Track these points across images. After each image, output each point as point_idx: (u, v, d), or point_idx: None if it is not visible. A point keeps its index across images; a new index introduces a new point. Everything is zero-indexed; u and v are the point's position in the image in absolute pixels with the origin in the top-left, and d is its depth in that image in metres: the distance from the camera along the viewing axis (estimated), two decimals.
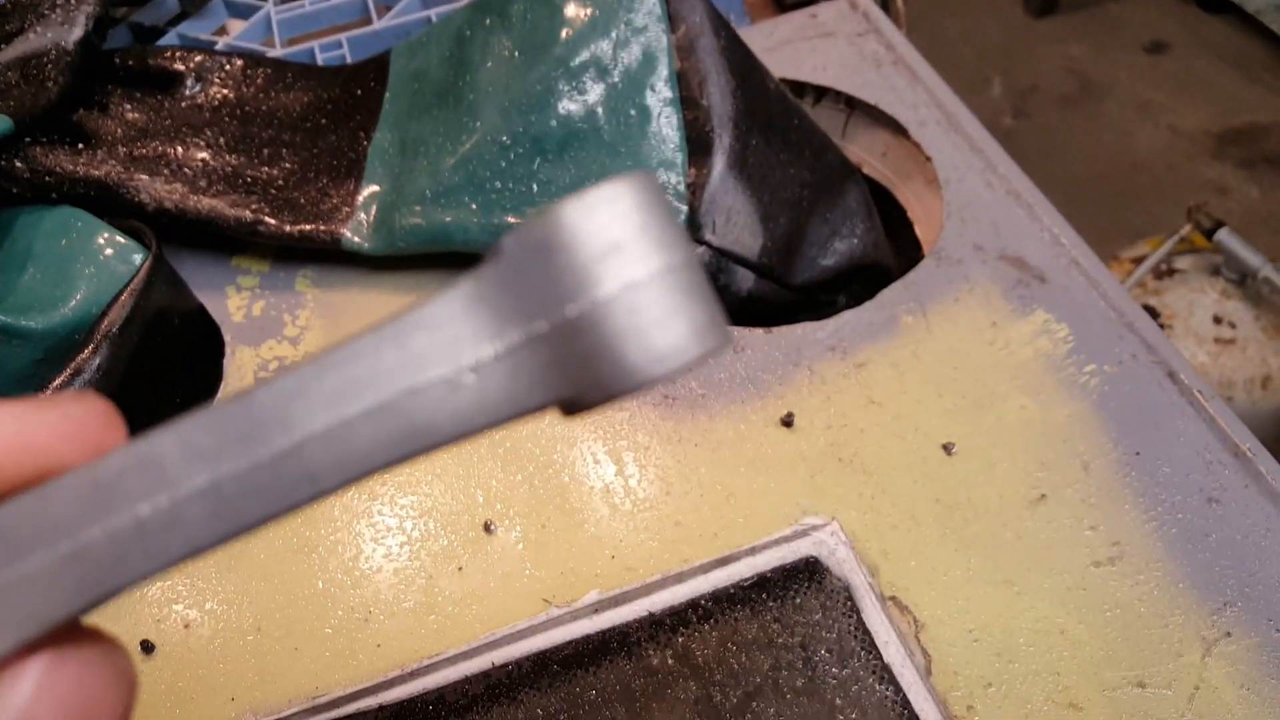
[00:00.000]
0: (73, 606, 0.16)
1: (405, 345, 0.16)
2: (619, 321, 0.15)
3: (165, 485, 0.16)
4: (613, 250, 0.16)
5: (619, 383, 0.16)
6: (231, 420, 0.16)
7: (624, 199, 0.16)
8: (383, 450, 0.16)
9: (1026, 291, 0.52)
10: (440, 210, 0.53)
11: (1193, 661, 0.40)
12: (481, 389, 0.16)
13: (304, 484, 0.16)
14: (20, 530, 0.16)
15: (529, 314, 0.16)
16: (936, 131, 0.58)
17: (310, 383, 0.16)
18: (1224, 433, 0.46)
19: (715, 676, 0.42)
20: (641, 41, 0.51)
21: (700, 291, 0.16)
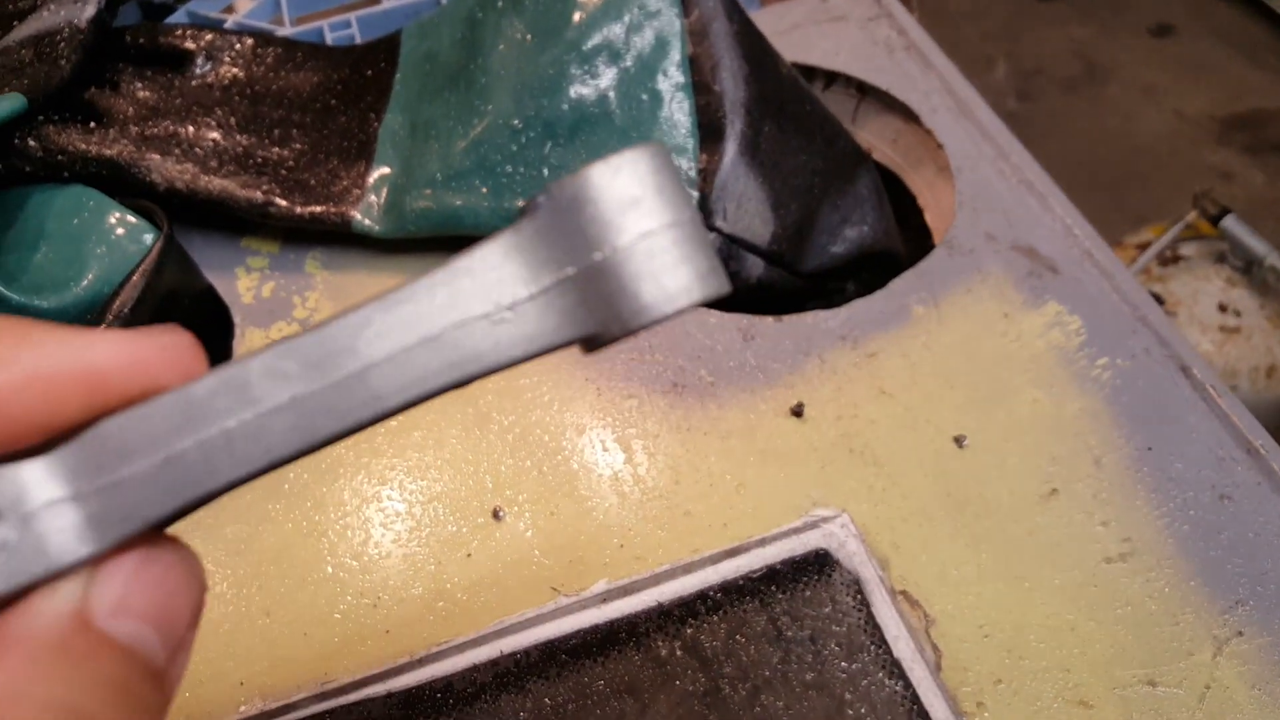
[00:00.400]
0: (166, 508, 0.18)
1: (454, 286, 0.18)
2: (637, 265, 0.18)
3: (250, 403, 0.18)
4: (632, 205, 0.18)
5: (637, 318, 0.18)
6: (308, 348, 0.18)
7: (642, 163, 0.18)
8: (436, 375, 0.18)
9: (1039, 282, 0.50)
10: (451, 194, 0.51)
11: (1204, 660, 0.39)
12: (519, 324, 0.18)
13: (370, 403, 0.18)
14: (125, 440, 0.18)
15: (560, 260, 0.18)
16: (948, 119, 0.56)
17: (375, 316, 0.18)
18: (1237, 429, 0.44)
19: (724, 669, 0.41)
20: (654, 26, 0.49)
21: (703, 243, 0.18)
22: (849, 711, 0.40)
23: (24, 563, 0.17)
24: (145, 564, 0.18)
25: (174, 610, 0.18)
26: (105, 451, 0.18)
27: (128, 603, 0.18)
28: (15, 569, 0.17)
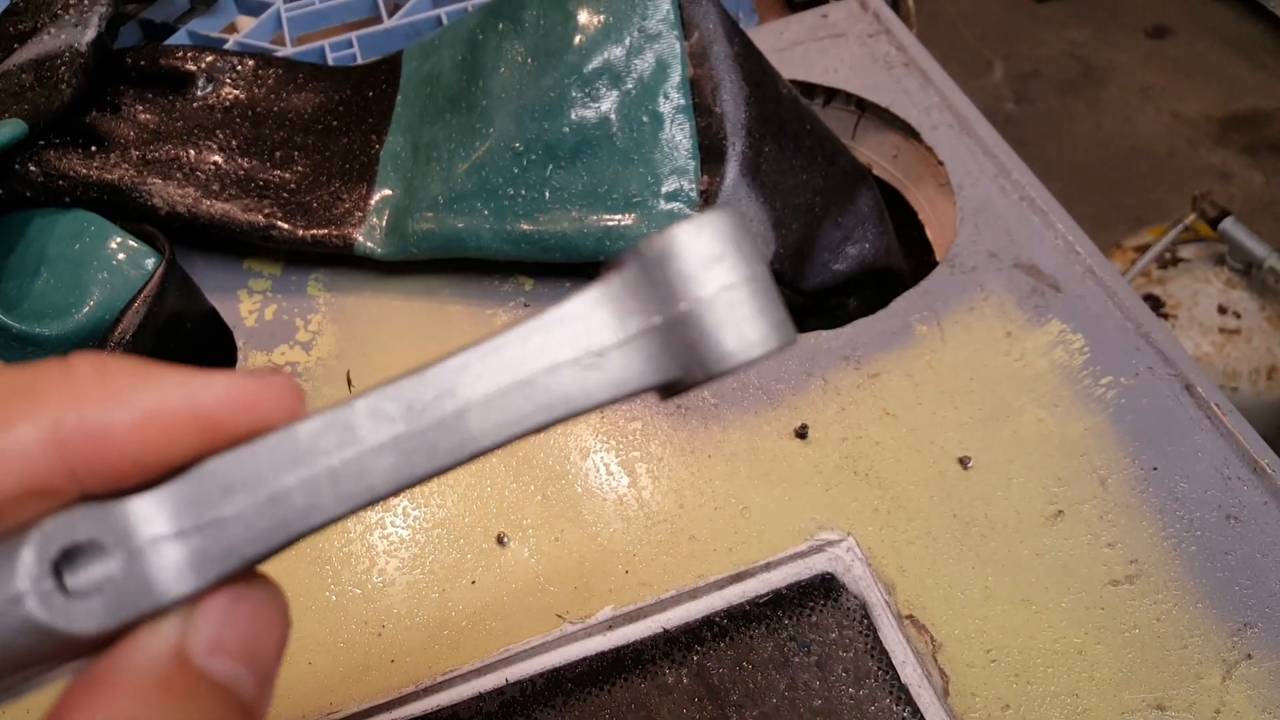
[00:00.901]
0: (266, 546, 0.18)
1: (547, 334, 0.19)
2: (719, 315, 0.19)
3: (354, 442, 0.19)
4: (715, 261, 0.19)
5: (720, 364, 0.19)
6: (409, 390, 0.19)
7: (722, 223, 0.19)
8: (528, 417, 0.19)
9: (1041, 301, 0.49)
10: (453, 216, 0.51)
11: (1213, 684, 0.38)
12: (607, 369, 0.19)
13: (467, 443, 0.19)
14: (230, 478, 0.18)
15: (647, 310, 0.19)
16: (949, 135, 0.56)
17: (473, 361, 0.19)
18: (1243, 448, 0.44)
19: (731, 696, 0.40)
20: (655, 48, 0.48)
21: (776, 296, 0.20)
22: None
23: (129, 598, 0.17)
24: (239, 602, 0.19)
25: (264, 647, 0.19)
26: (210, 489, 0.18)
27: (223, 641, 0.18)
28: (121, 604, 0.17)
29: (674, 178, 0.48)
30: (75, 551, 0.17)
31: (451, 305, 0.53)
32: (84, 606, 0.17)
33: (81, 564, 0.17)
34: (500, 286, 0.53)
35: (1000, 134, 0.56)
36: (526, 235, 0.50)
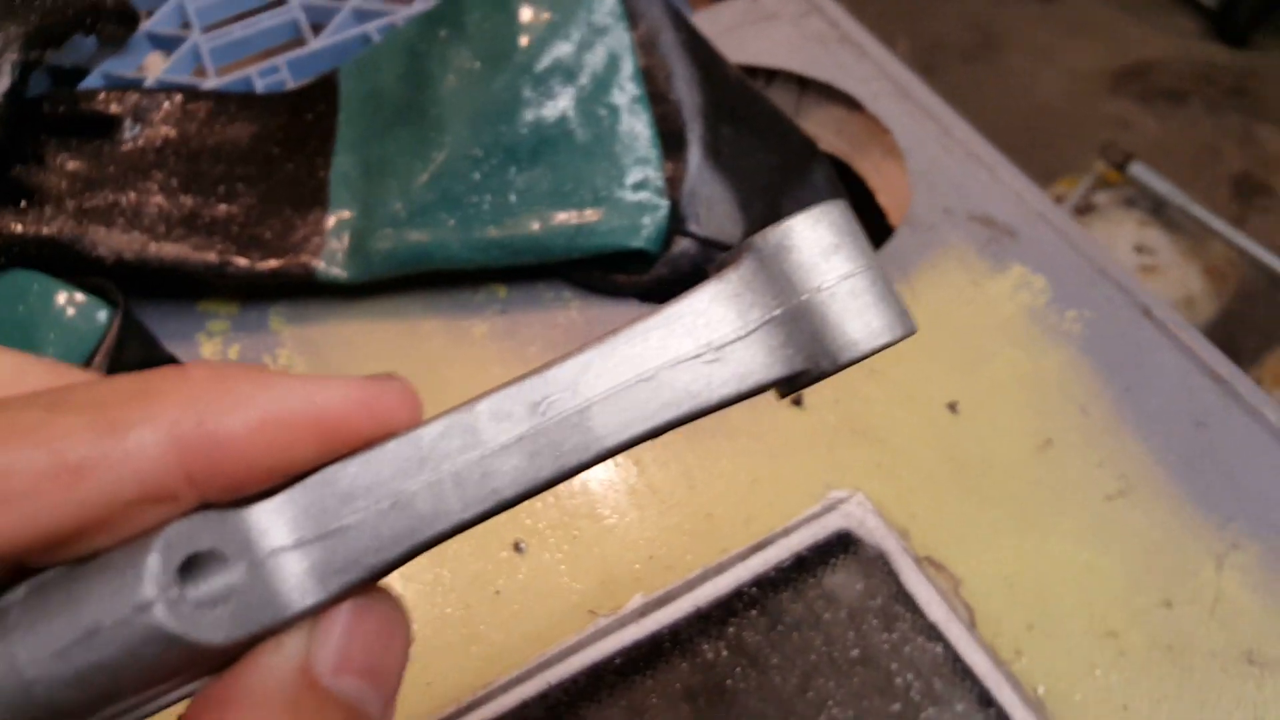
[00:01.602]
0: (390, 555, 0.19)
1: (667, 329, 0.20)
2: (842, 304, 0.20)
3: (478, 444, 0.19)
4: (834, 250, 0.20)
5: (846, 352, 0.20)
6: (531, 390, 0.20)
7: (836, 213, 0.20)
8: (653, 415, 0.20)
9: (1000, 248, 0.55)
10: (417, 230, 0.53)
11: (1209, 576, 0.44)
12: (730, 363, 0.20)
13: (591, 443, 0.20)
14: (352, 484, 0.19)
15: (767, 302, 0.20)
16: (890, 102, 0.61)
17: (594, 359, 0.20)
18: (1202, 361, 0.50)
19: (772, 660, 0.44)
20: (604, 41, 0.52)
21: (892, 288, 0.21)
22: (897, 680, 0.43)
23: (253, 611, 0.18)
24: (363, 616, 0.19)
25: (389, 665, 0.19)
26: (332, 496, 0.19)
27: (349, 658, 0.18)
28: (244, 617, 0.17)
29: (638, 168, 0.52)
30: (198, 560, 0.17)
31: (424, 322, 0.55)
32: (210, 617, 0.17)
33: (204, 574, 0.18)
34: (473, 297, 0.56)
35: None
36: (496, 241, 0.53)
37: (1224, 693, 0.42)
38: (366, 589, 0.19)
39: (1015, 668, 0.43)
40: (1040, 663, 0.43)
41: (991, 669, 0.43)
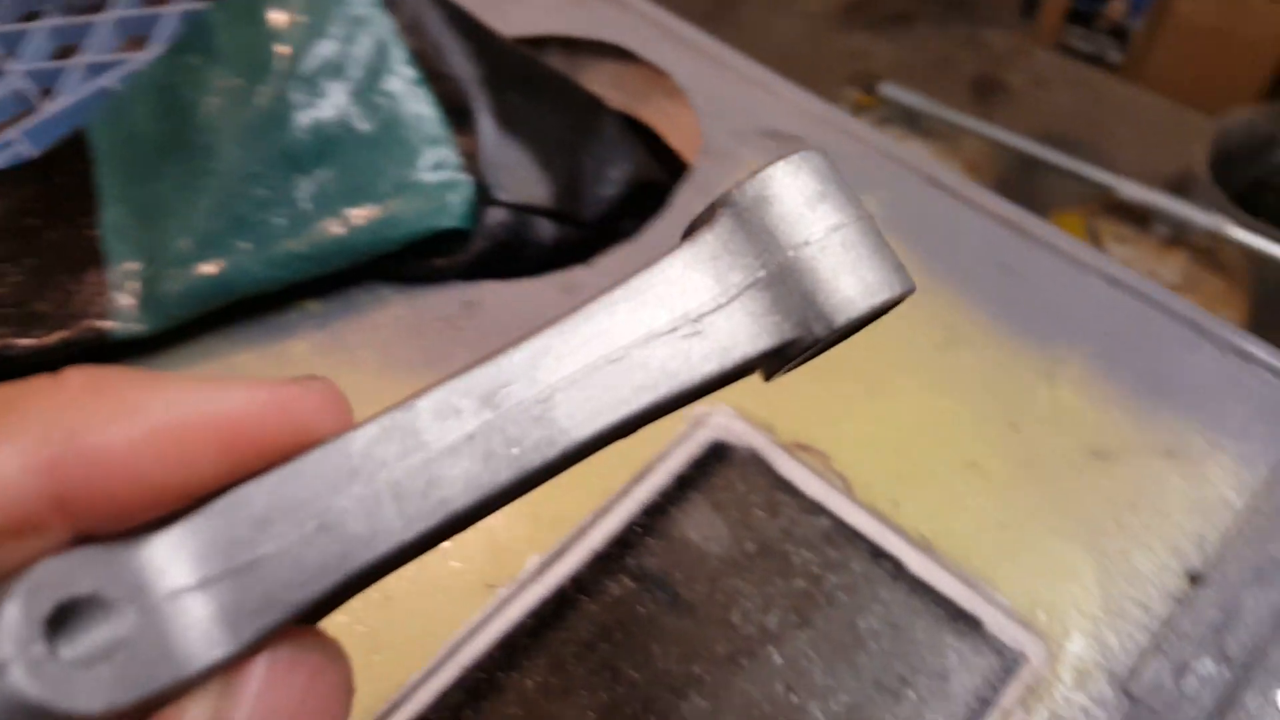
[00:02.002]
0: (319, 589, 0.16)
1: (635, 301, 0.18)
2: (833, 258, 0.18)
3: (420, 447, 0.17)
4: (819, 199, 0.19)
5: (841, 312, 0.18)
6: (482, 380, 0.18)
7: (817, 160, 0.19)
8: (626, 400, 0.18)
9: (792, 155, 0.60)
10: (209, 262, 0.53)
11: (1044, 393, 0.50)
12: (710, 335, 0.19)
13: (555, 438, 0.18)
14: (268, 506, 0.16)
15: (748, 264, 0.19)
16: (661, 47, 0.66)
17: (554, 341, 0.18)
18: (991, 211, 0.57)
19: (676, 576, 0.47)
20: (367, 32, 0.54)
21: (885, 242, 0.20)
22: (795, 560, 0.47)
23: (146, 668, 0.15)
24: (288, 669, 0.16)
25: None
26: (244, 522, 0.16)
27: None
28: (134, 678, 0.15)
29: (432, 149, 0.54)
30: (74, 608, 0.15)
31: (239, 357, 0.55)
32: (87, 679, 0.14)
33: (82, 625, 0.15)
34: (286, 318, 0.56)
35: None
36: (298, 254, 0.53)
37: (1080, 489, 0.48)
38: (292, 633, 0.17)
39: (897, 518, 0.47)
40: (917, 507, 0.47)
41: (876, 525, 0.47)
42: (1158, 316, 0.52)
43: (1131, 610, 0.45)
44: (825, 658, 0.45)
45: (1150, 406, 0.50)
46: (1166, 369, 0.51)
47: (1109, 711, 0.43)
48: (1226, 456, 0.49)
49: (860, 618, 0.46)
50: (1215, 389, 0.51)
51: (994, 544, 0.47)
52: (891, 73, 1.43)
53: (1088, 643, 0.44)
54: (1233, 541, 0.47)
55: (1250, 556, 0.46)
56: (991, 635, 0.45)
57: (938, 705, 0.44)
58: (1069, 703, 0.43)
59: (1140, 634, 0.45)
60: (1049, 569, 0.46)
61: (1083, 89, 1.60)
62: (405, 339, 0.54)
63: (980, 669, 0.45)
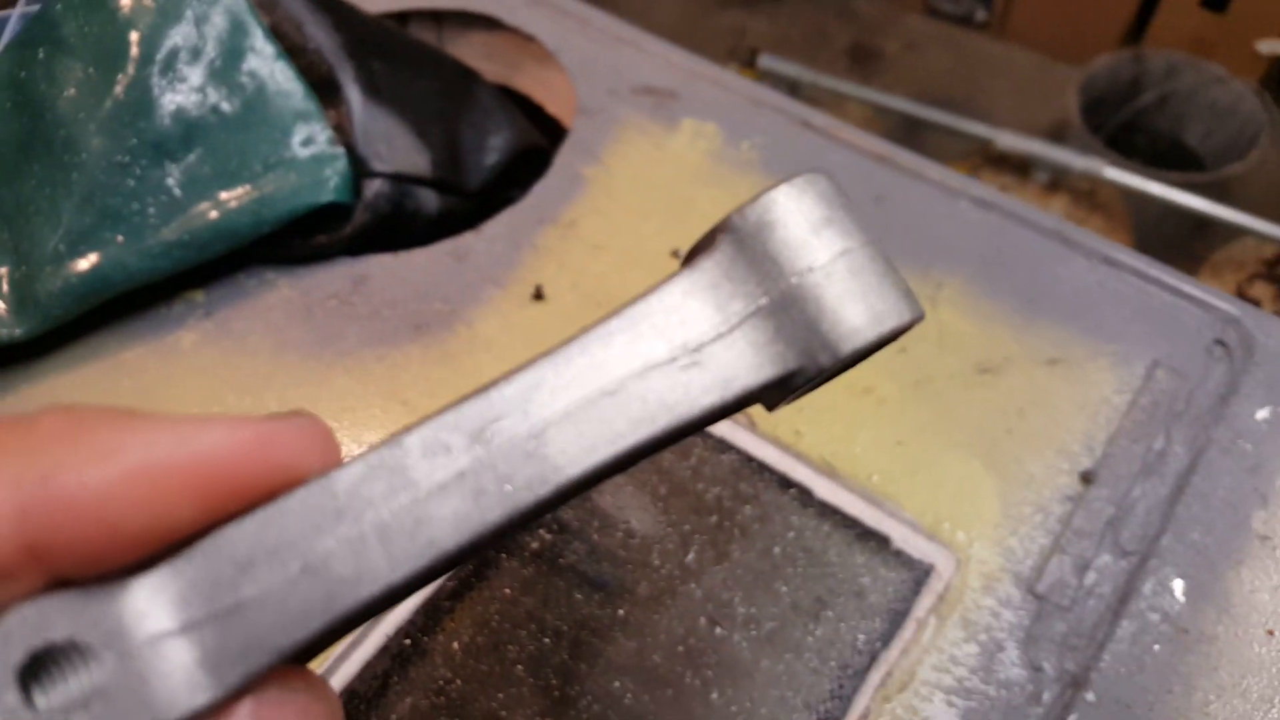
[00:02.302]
0: (304, 633, 0.16)
1: (632, 332, 0.18)
2: (840, 285, 0.18)
3: (408, 486, 0.17)
4: (825, 224, 0.19)
5: (848, 341, 0.18)
6: (472, 416, 0.17)
7: (823, 183, 0.19)
8: (623, 435, 0.18)
9: (667, 109, 0.63)
10: (83, 258, 0.53)
11: (930, 316, 0.54)
12: (710, 367, 0.18)
13: (549, 475, 0.18)
14: (250, 548, 0.16)
15: (750, 291, 0.18)
16: (527, 13, 0.68)
17: (547, 374, 0.18)
18: (861, 147, 0.61)
19: (593, 524, 0.49)
20: (220, 11, 0.54)
21: (894, 266, 0.19)
22: (708, 497, 0.50)
23: (126, 717, 0.15)
24: (275, 711, 0.16)
25: None
26: (226, 564, 0.16)
27: None
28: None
29: (301, 124, 0.55)
30: (50, 656, 0.15)
31: (125, 354, 0.55)
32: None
33: (59, 673, 0.15)
34: (170, 311, 0.56)
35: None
36: (176, 243, 0.54)
37: (970, 403, 0.52)
38: (279, 674, 0.17)
39: (800, 447, 0.50)
40: (819, 435, 0.50)
41: (781, 455, 0.50)
42: (1027, 233, 0.57)
43: (1030, 514, 0.49)
44: (745, 588, 0.48)
45: (1029, 319, 0.54)
46: (1041, 282, 0.55)
47: (1017, 612, 0.46)
48: (1105, 359, 0.53)
49: (774, 546, 0.49)
50: (1089, 296, 0.55)
51: (894, 462, 0.50)
52: (769, 47, 1.49)
53: (992, 549, 0.48)
54: (1118, 439, 0.51)
55: (1136, 452, 0.50)
56: (900, 550, 0.48)
57: (856, 622, 0.47)
58: (979, 607, 0.46)
59: (1041, 536, 0.48)
60: (949, 482, 0.50)
61: (954, 49, 1.68)
62: (296, 321, 0.55)
63: (892, 583, 0.48)
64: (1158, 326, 0.54)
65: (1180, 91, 1.49)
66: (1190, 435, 0.50)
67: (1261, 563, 0.46)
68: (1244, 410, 0.50)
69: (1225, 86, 1.44)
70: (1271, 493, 0.48)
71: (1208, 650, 0.44)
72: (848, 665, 0.45)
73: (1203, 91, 1.47)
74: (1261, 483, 0.48)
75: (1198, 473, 0.49)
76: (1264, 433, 0.50)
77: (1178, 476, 0.49)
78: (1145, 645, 0.44)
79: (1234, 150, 1.38)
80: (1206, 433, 0.50)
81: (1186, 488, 0.48)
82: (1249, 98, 1.41)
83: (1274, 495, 0.48)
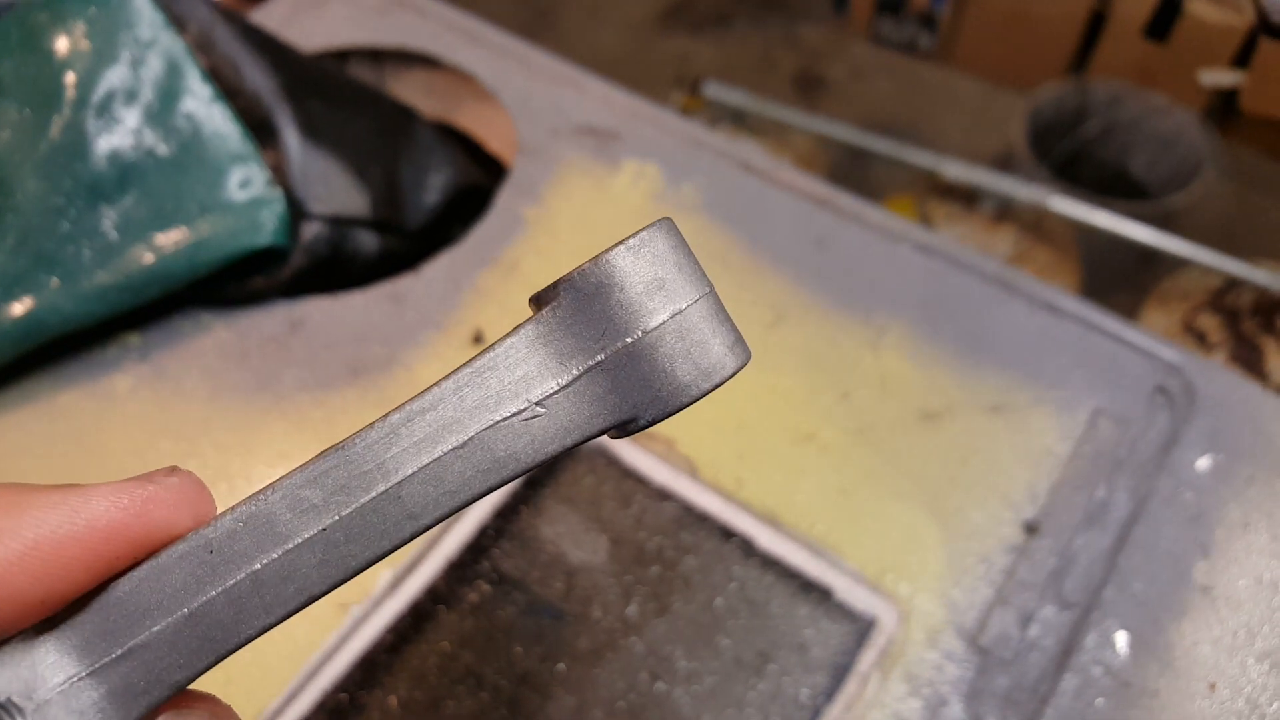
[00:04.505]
0: (195, 668, 0.19)
1: (481, 387, 0.20)
2: (670, 345, 0.20)
3: (276, 540, 0.19)
4: (658, 286, 0.20)
5: (676, 398, 0.20)
6: (333, 472, 0.19)
7: (660, 240, 0.21)
8: (473, 482, 0.20)
9: (609, 150, 0.64)
10: (18, 302, 0.52)
11: (871, 362, 0.55)
12: (552, 417, 0.20)
13: (405, 522, 0.20)
14: (141, 600, 0.19)
15: (589, 348, 0.20)
16: (468, 52, 0.68)
17: (401, 429, 0.20)
18: (804, 191, 0.62)
19: (533, 576, 0.49)
20: (156, 53, 0.54)
21: (724, 315, 0.21)
22: (648, 546, 0.50)
23: None
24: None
25: None
26: (121, 615, 0.19)
27: None
28: None
29: (237, 166, 0.55)
30: None
31: (60, 398, 0.54)
32: None
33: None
34: (105, 353, 0.55)
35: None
36: (112, 286, 0.53)
37: (912, 451, 0.53)
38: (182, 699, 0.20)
39: (742, 496, 0.51)
40: (760, 483, 0.51)
41: (723, 505, 0.51)
42: (968, 278, 0.58)
43: (974, 564, 0.50)
44: (686, 642, 0.48)
45: (972, 365, 0.56)
46: (983, 328, 0.57)
47: (960, 665, 0.47)
48: (1048, 406, 0.55)
49: (717, 597, 0.49)
50: (1031, 343, 0.56)
51: (837, 512, 0.51)
52: (714, 74, 1.51)
53: (935, 600, 0.49)
54: (1061, 489, 0.52)
55: (1079, 501, 0.51)
56: (843, 603, 0.49)
57: (799, 676, 0.47)
58: (922, 661, 0.47)
59: (984, 587, 0.49)
60: (892, 531, 0.50)
61: (900, 77, 1.71)
62: (232, 364, 0.54)
63: (835, 636, 0.48)
64: (1100, 373, 0.55)
65: (1124, 121, 1.53)
66: (1132, 484, 0.51)
67: (1203, 615, 0.47)
68: (1185, 459, 0.52)
69: (1168, 116, 1.48)
70: (1212, 544, 0.49)
71: (1150, 705, 0.45)
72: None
73: (1146, 121, 1.51)
74: (1203, 533, 0.50)
75: (1140, 523, 0.50)
76: (1205, 483, 0.51)
77: (1120, 526, 0.50)
78: (1088, 700, 0.45)
79: (1178, 180, 1.42)
80: (1149, 482, 0.51)
81: (1129, 538, 0.49)
82: (1192, 128, 1.45)
83: (1215, 546, 0.49)
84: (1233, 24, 1.47)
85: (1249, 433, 0.52)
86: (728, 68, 1.68)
